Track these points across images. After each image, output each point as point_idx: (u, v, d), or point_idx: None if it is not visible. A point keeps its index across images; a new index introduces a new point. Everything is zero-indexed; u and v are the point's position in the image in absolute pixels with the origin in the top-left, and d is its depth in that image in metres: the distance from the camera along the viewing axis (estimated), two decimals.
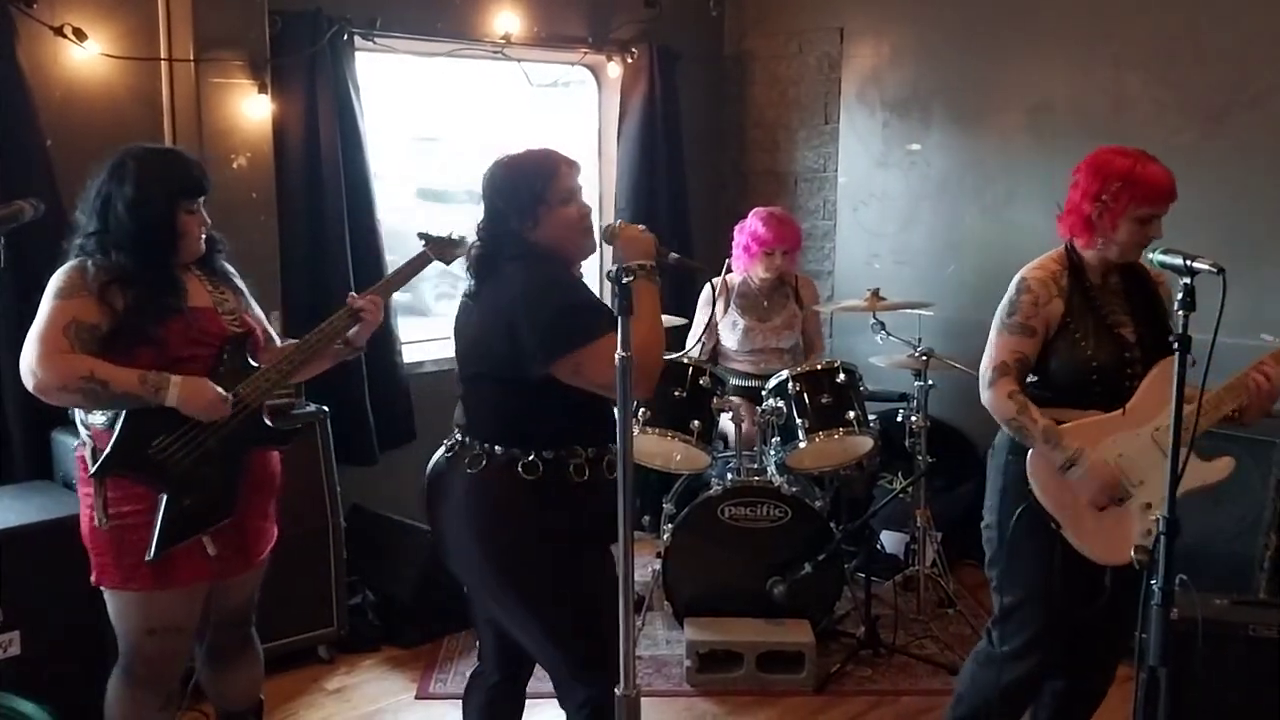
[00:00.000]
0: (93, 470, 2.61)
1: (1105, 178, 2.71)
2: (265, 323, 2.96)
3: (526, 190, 2.47)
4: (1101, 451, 2.70)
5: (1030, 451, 2.75)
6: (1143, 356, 2.76)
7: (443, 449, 2.64)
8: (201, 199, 2.71)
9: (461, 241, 3.05)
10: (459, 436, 2.58)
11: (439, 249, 3.01)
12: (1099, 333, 2.76)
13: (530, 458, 2.44)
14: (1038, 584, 2.78)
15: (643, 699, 2.33)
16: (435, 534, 2.68)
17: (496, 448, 2.47)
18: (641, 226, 2.44)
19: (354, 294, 2.93)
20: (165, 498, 2.60)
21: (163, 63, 3.89)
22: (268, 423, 2.82)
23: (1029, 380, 2.83)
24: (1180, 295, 2.30)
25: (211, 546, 2.69)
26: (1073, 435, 2.71)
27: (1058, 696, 3.04)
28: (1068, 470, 2.68)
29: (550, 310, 2.34)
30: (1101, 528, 2.70)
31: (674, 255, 2.45)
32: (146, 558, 2.59)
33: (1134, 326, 2.80)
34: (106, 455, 2.59)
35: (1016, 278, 2.84)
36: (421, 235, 3.03)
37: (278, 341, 2.99)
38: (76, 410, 2.67)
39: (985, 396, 2.80)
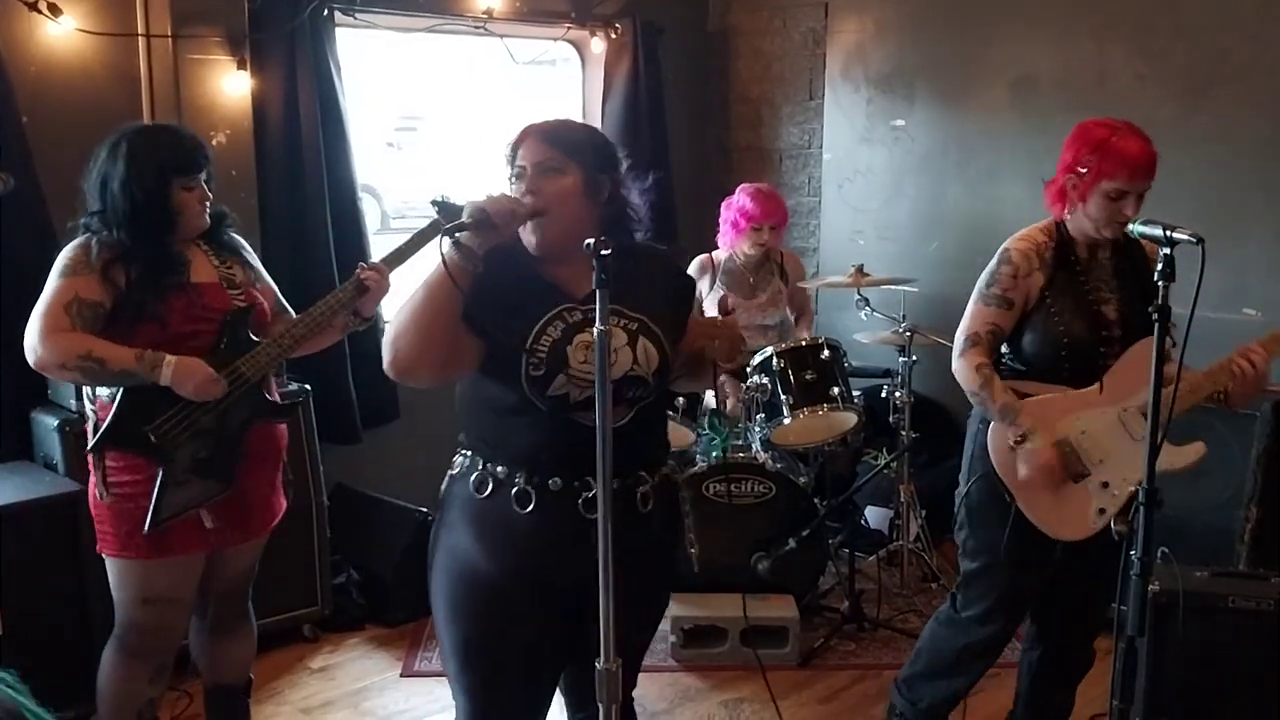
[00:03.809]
0: (90, 444, 2.66)
1: (1080, 147, 2.68)
2: (278, 296, 2.98)
3: None
4: (1066, 426, 2.71)
5: (992, 424, 2.76)
6: (1122, 336, 2.73)
7: None
8: (202, 174, 2.72)
9: None
10: None
11: (452, 217, 2.95)
12: (1077, 309, 2.73)
13: None
14: (995, 552, 2.82)
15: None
16: None
17: None
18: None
19: (364, 264, 2.93)
20: (161, 472, 2.63)
21: (140, 38, 3.85)
22: (268, 396, 2.84)
23: (1003, 351, 2.84)
24: (1160, 266, 2.29)
25: (209, 520, 2.72)
26: (1036, 409, 2.71)
27: (1034, 667, 3.08)
28: (1017, 446, 2.69)
29: None
30: (1056, 503, 2.72)
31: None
32: (144, 530, 2.63)
33: (1117, 305, 2.77)
34: (103, 431, 2.63)
35: (1001, 248, 2.82)
36: (435, 202, 2.97)
37: (292, 314, 2.98)
38: (79, 384, 2.72)
39: (955, 365, 2.81)
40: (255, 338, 2.76)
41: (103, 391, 2.67)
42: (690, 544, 2.15)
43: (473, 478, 2.15)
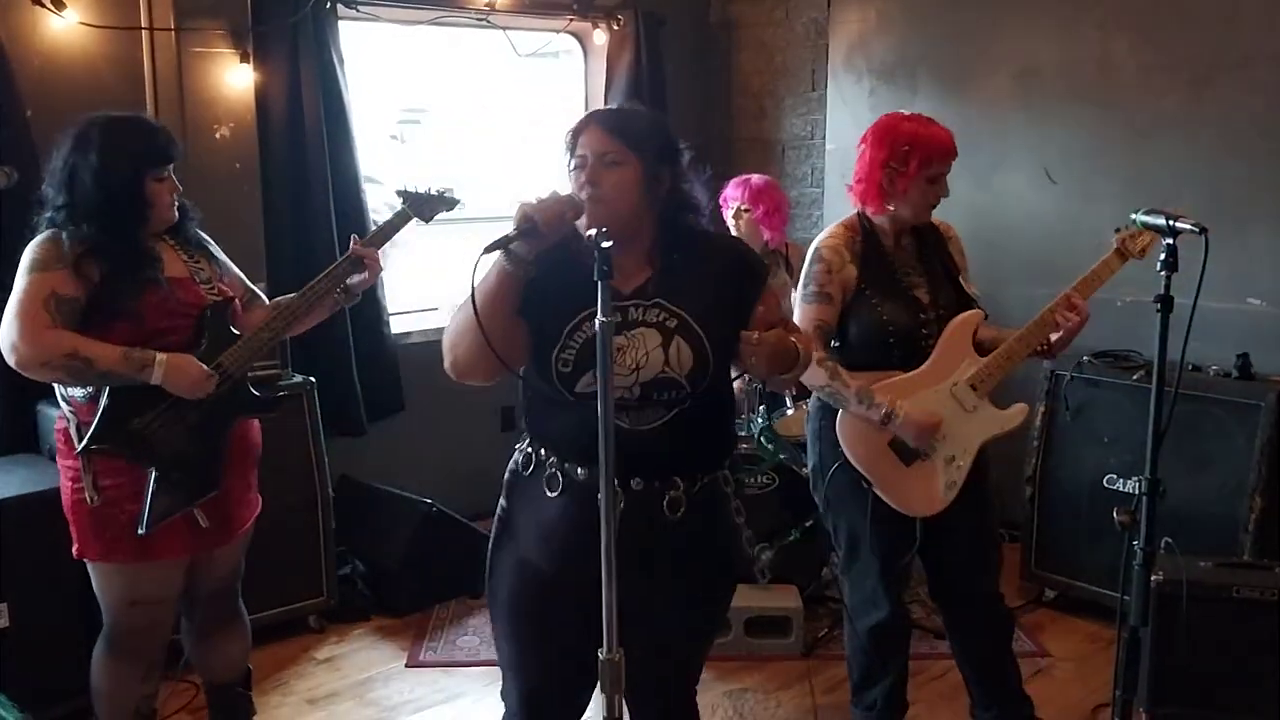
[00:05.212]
0: (79, 447, 2.58)
1: (893, 143, 2.80)
2: (246, 284, 2.93)
3: None
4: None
5: (838, 415, 2.83)
6: (937, 316, 2.85)
7: None
8: (170, 166, 2.65)
9: (442, 197, 3.00)
10: None
11: (418, 206, 2.96)
12: (894, 296, 2.83)
13: None
14: (862, 538, 2.92)
15: None
16: None
17: None
18: None
19: (357, 236, 2.91)
20: (154, 474, 2.58)
21: (143, 32, 3.86)
22: (253, 391, 2.80)
23: (832, 346, 2.90)
24: (1163, 255, 2.30)
25: (203, 519, 2.68)
26: (880, 394, 2.79)
27: (963, 648, 3.13)
28: (887, 424, 2.75)
29: None
30: (908, 483, 2.82)
31: None
32: (139, 532, 2.59)
33: (927, 287, 2.88)
34: (93, 432, 2.56)
35: (810, 248, 2.91)
36: (400, 192, 2.97)
37: (265, 299, 2.95)
38: (56, 384, 2.64)
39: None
40: (235, 331, 2.72)
41: (77, 391, 2.60)
42: (753, 558, 2.10)
43: (521, 457, 2.22)
